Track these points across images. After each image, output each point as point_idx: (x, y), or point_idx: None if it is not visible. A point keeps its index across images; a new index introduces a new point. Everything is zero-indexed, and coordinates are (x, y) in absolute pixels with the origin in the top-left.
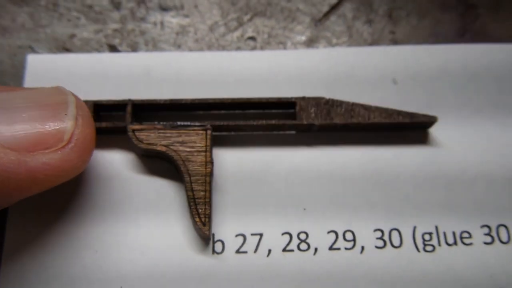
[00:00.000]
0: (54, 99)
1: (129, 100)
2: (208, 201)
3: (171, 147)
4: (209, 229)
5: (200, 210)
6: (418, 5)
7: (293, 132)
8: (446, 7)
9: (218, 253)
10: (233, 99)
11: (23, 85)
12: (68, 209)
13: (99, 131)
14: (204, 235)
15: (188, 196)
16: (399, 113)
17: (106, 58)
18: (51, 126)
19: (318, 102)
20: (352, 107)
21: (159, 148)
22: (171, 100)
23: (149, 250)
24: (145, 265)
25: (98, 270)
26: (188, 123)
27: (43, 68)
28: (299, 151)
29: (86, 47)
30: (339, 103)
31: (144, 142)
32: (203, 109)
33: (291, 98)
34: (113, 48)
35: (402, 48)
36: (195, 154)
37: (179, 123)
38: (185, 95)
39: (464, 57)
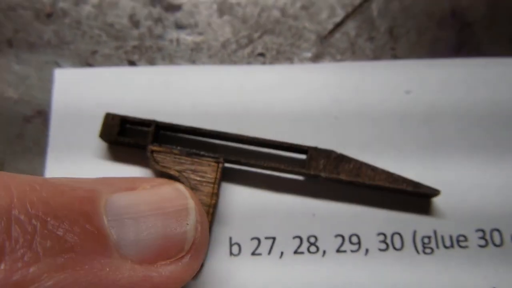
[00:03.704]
0: (176, 204)
1: (154, 121)
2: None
3: (183, 173)
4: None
5: None
6: (417, 23)
7: (301, 177)
8: (443, 25)
9: (235, 255)
10: (248, 137)
11: (51, 98)
12: None
13: (121, 143)
14: None
15: None
16: (404, 180)
17: (129, 71)
18: (174, 236)
19: (328, 154)
20: (360, 166)
21: (172, 172)
22: (192, 127)
23: None
24: None
25: None
26: (203, 152)
27: (69, 81)
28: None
29: (107, 62)
30: (348, 160)
31: (160, 164)
32: (219, 139)
33: (304, 146)
34: (132, 64)
35: (404, 63)
36: (204, 184)
37: (194, 151)
38: (201, 105)
39: (463, 71)
